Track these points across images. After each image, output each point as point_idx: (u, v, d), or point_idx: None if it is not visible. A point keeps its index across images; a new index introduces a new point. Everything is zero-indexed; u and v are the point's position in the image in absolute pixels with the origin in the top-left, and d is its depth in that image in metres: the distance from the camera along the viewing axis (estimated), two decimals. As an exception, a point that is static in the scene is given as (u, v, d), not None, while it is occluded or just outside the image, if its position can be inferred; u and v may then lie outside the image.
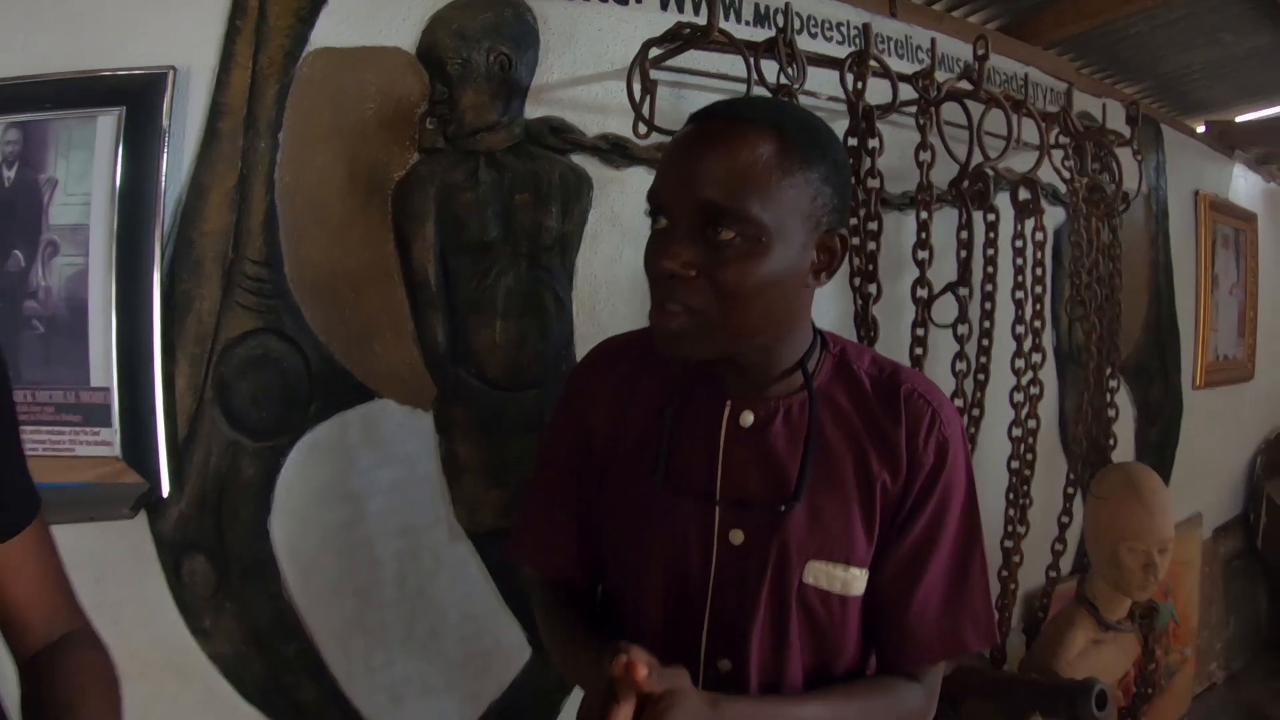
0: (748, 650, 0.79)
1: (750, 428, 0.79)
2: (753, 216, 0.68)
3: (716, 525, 0.79)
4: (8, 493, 0.69)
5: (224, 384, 1.22)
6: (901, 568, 0.80)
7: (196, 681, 1.26)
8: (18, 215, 1.28)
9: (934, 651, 0.82)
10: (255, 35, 1.26)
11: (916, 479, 0.78)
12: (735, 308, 0.70)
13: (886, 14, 1.95)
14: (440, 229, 1.25)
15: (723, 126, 0.71)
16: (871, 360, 0.83)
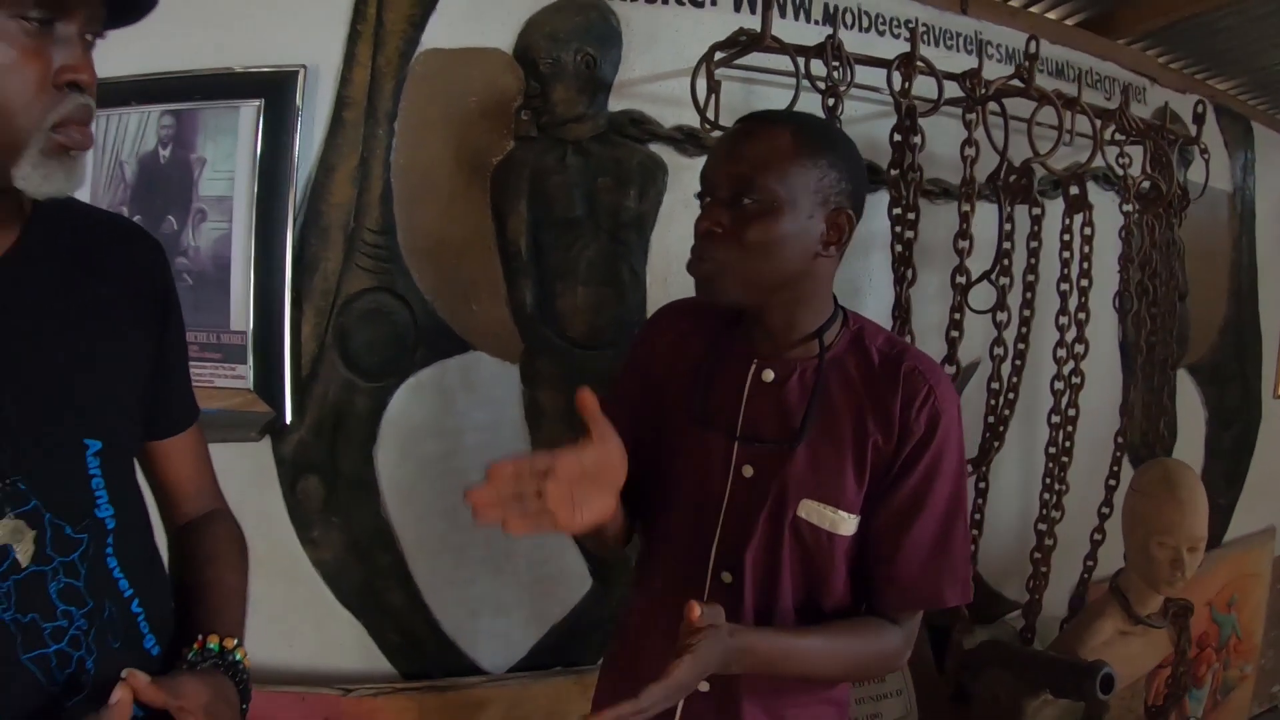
0: (745, 566, 1.00)
1: (770, 383, 1.01)
2: (769, 187, 0.92)
3: (734, 460, 1.01)
4: (180, 400, 0.93)
5: (343, 332, 1.57)
6: (890, 520, 0.99)
7: (302, 584, 1.62)
8: (172, 187, 1.65)
9: (914, 600, 1.01)
10: (374, 38, 1.60)
11: (907, 443, 0.97)
12: (751, 257, 0.93)
13: (957, 10, 2.16)
14: (532, 206, 1.57)
15: (752, 126, 0.97)
16: (885, 339, 1.03)
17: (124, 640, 0.78)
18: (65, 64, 0.67)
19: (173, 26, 1.45)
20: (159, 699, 0.71)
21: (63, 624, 0.73)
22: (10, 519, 0.70)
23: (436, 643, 1.68)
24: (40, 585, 0.72)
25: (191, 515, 0.94)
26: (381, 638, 1.68)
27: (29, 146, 0.67)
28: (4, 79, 0.64)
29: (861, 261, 1.85)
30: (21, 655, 0.70)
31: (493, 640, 1.69)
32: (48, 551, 0.73)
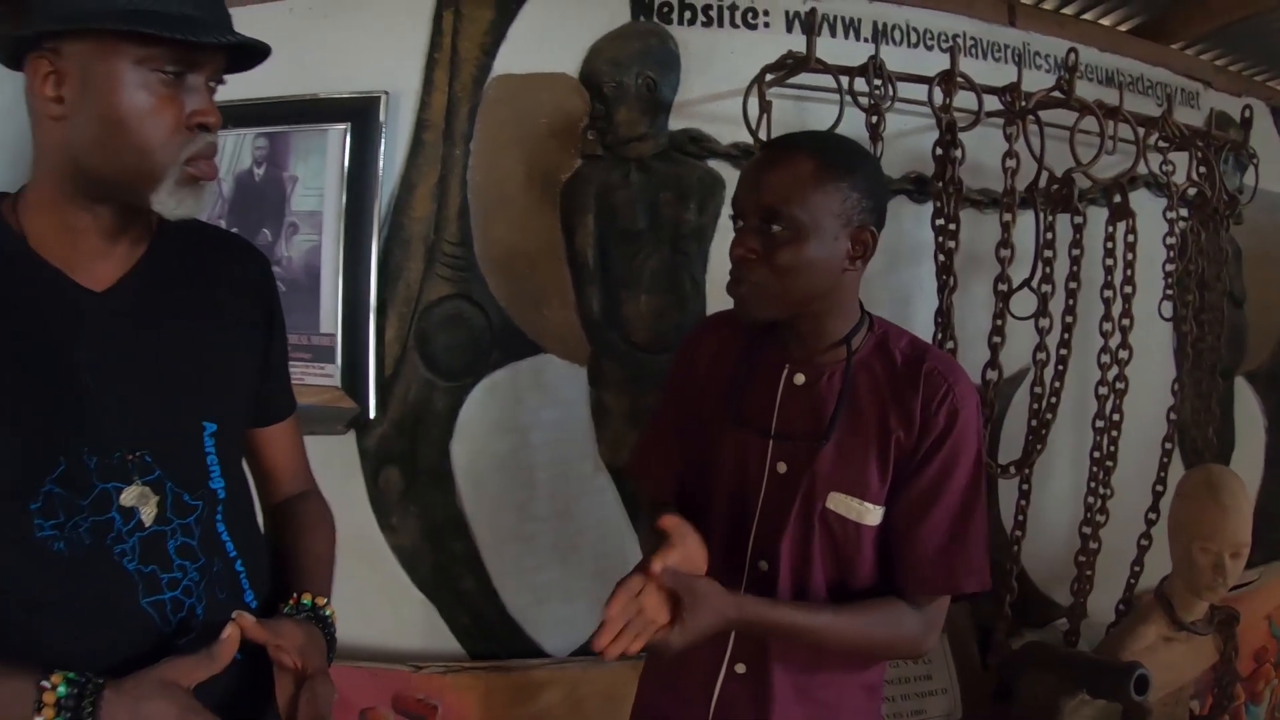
0: (780, 555, 1.10)
1: (801, 386, 1.11)
2: (794, 215, 1.01)
3: (768, 457, 1.11)
4: (282, 394, 1.09)
5: (423, 336, 1.78)
6: (911, 508, 1.08)
7: (380, 568, 1.83)
8: (267, 203, 1.88)
9: (933, 584, 1.09)
10: (450, 65, 1.81)
11: (927, 438, 1.06)
12: (782, 279, 1.03)
13: (1005, 23, 2.30)
14: (599, 220, 1.77)
15: (776, 155, 1.06)
16: (909, 342, 1.13)
17: (228, 593, 0.94)
18: (195, 109, 0.83)
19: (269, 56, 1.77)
20: (262, 636, 0.86)
21: (177, 575, 0.89)
22: (138, 485, 0.87)
23: (503, 625, 1.88)
24: (160, 542, 0.88)
25: (286, 495, 1.11)
26: (452, 619, 1.88)
27: (167, 178, 0.83)
28: (147, 122, 0.81)
29: (912, 271, 2.00)
30: (142, 600, 0.87)
31: (556, 625, 1.88)
32: (168, 514, 0.89)
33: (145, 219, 0.91)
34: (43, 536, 0.83)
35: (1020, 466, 2.01)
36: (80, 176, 0.83)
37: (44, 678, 0.77)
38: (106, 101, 0.80)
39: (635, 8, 1.85)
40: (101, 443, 0.86)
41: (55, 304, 0.85)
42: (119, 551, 0.86)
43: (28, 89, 0.82)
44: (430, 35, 1.82)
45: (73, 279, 0.86)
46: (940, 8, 2.16)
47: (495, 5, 1.82)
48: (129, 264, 0.90)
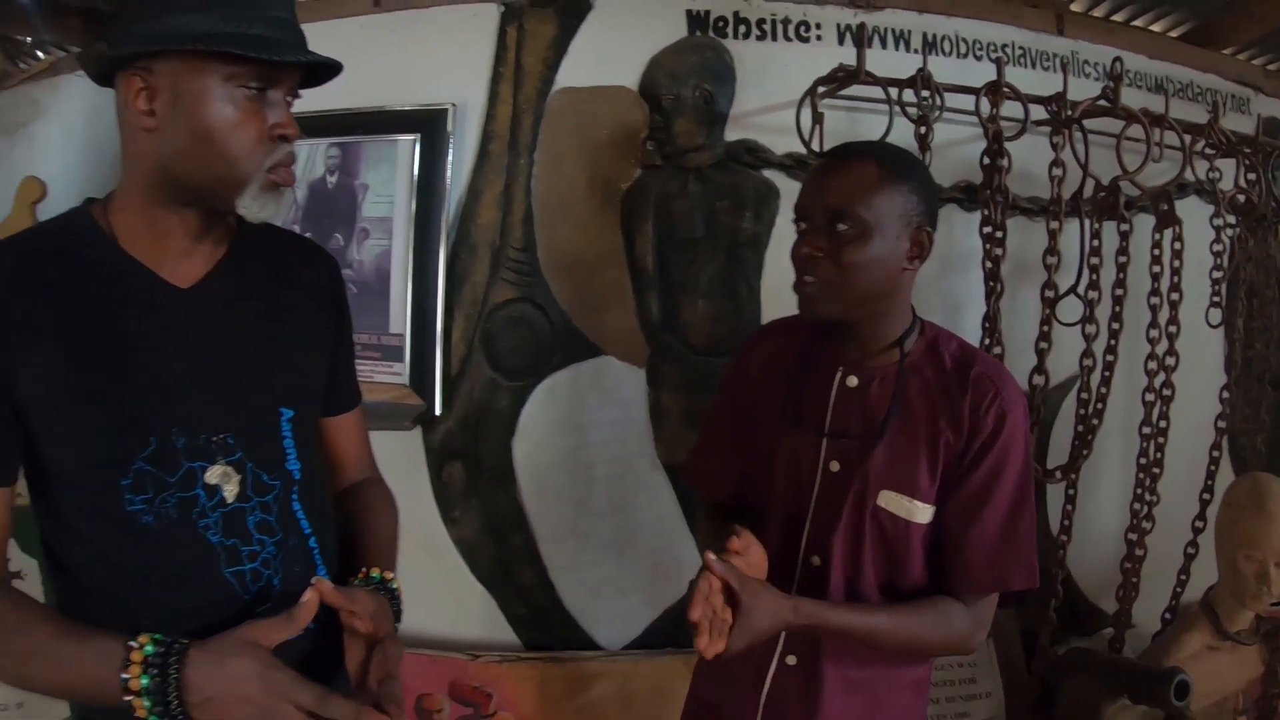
0: (832, 551, 1.16)
1: (854, 388, 1.18)
2: (859, 215, 1.08)
3: (822, 456, 1.18)
4: (349, 386, 1.18)
5: (489, 337, 1.92)
6: (960, 509, 1.13)
7: (442, 559, 1.97)
8: (339, 209, 2.03)
9: (983, 582, 1.14)
10: (514, 79, 1.95)
11: (976, 439, 1.12)
12: (848, 277, 1.10)
13: (1054, 32, 2.38)
14: (658, 227, 1.89)
15: (839, 160, 1.14)
16: (958, 346, 1.19)
17: (303, 566, 1.03)
18: (276, 121, 0.92)
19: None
20: (339, 600, 0.94)
21: (256, 549, 0.98)
22: (222, 464, 0.96)
23: (559, 618, 2.00)
24: (241, 518, 0.97)
25: (352, 480, 1.20)
26: (509, 610, 2.01)
27: (251, 184, 0.92)
28: (233, 134, 0.90)
29: (962, 277, 2.10)
30: (224, 570, 0.96)
31: (611, 619, 2.00)
32: (248, 492, 0.98)
33: (226, 222, 1.01)
34: (132, 510, 0.92)
35: (1066, 472, 2.09)
36: (170, 183, 0.93)
37: (131, 638, 0.85)
38: (196, 115, 0.89)
39: (691, 22, 1.97)
40: (189, 425, 0.95)
41: (145, 299, 0.95)
42: (203, 525, 0.95)
43: (120, 103, 0.92)
44: (495, 50, 1.96)
45: (160, 276, 0.96)
46: (989, 18, 2.25)
47: (557, 21, 1.96)
48: (211, 263, 1.00)
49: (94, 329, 0.93)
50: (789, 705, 1.21)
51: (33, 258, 0.94)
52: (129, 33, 0.89)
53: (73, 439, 0.92)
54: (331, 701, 0.86)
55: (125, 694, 0.83)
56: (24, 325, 0.90)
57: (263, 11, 0.90)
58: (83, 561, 0.96)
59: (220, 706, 0.84)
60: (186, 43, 0.87)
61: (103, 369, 0.92)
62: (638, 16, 1.96)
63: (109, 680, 0.84)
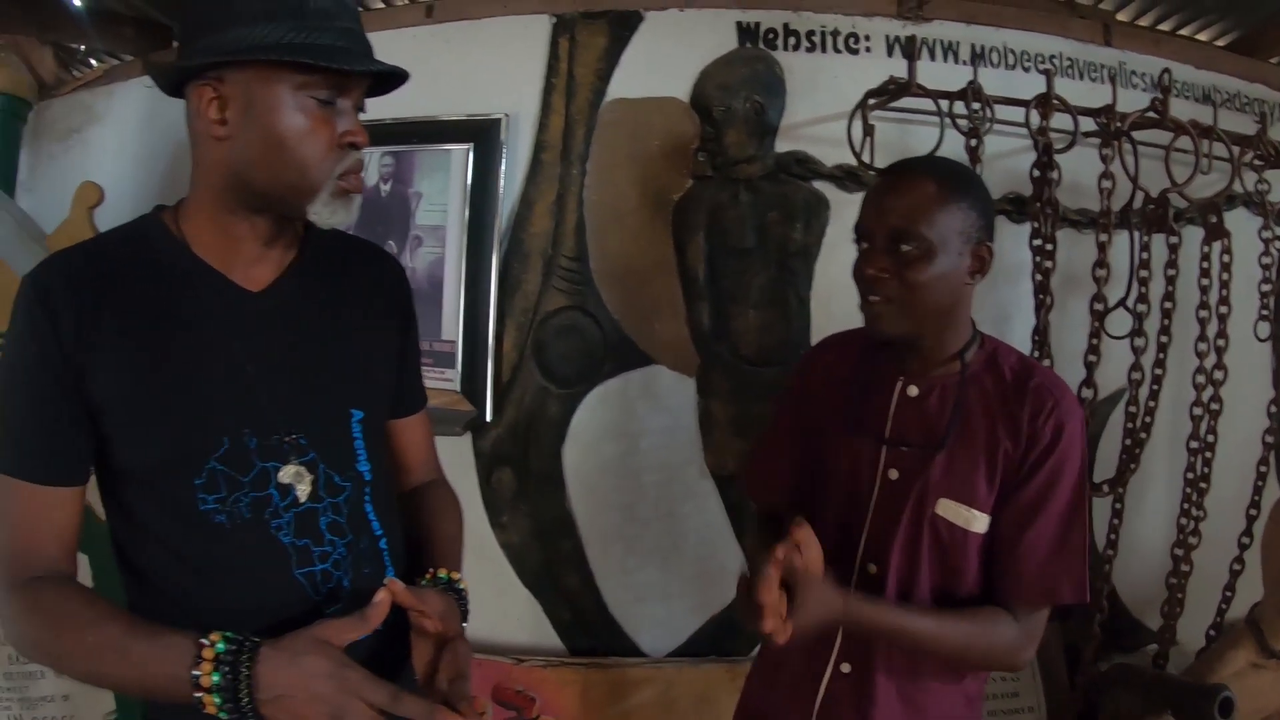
0: (889, 558, 1.19)
1: (914, 398, 1.21)
2: (923, 234, 1.11)
3: (881, 464, 1.21)
4: (415, 389, 1.21)
5: (540, 345, 1.97)
6: (1015, 519, 1.15)
7: (489, 563, 2.01)
8: (393, 217, 2.09)
9: (1033, 593, 1.16)
10: (566, 90, 2.00)
11: (1033, 450, 1.15)
12: (914, 295, 1.13)
13: (1101, 43, 2.40)
14: (709, 237, 1.93)
15: (899, 179, 1.17)
16: (1017, 358, 1.22)
17: (372, 568, 1.05)
18: (346, 130, 0.94)
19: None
20: (411, 601, 0.95)
21: (328, 549, 0.99)
22: (295, 465, 0.98)
23: (603, 623, 2.05)
24: (313, 518, 0.99)
25: (418, 482, 1.22)
26: (554, 615, 2.06)
27: (322, 191, 0.94)
28: (305, 142, 0.92)
29: (1011, 290, 2.12)
30: (295, 570, 0.97)
31: (655, 625, 2.04)
32: (320, 493, 0.99)
33: (295, 228, 1.04)
34: (205, 509, 0.94)
35: (1114, 485, 2.11)
36: (242, 190, 0.95)
37: (203, 635, 0.86)
38: (268, 124, 0.92)
39: (742, 34, 2.01)
40: (262, 425, 0.97)
41: (217, 302, 0.98)
42: (275, 525, 0.97)
43: (191, 112, 0.94)
44: (547, 61, 2.01)
45: (232, 280, 0.99)
46: (1037, 29, 2.27)
47: (608, 32, 2.01)
48: (281, 268, 1.03)
49: (167, 331, 0.96)
50: (842, 712, 1.23)
51: (107, 261, 0.97)
52: (200, 44, 0.92)
53: (146, 439, 0.95)
54: (405, 700, 0.88)
55: (196, 690, 0.85)
56: (98, 327, 0.93)
57: (332, 22, 0.93)
58: (153, 560, 0.98)
59: (291, 704, 0.85)
60: (259, 53, 0.89)
61: (175, 370, 0.95)
62: (688, 28, 2.01)
63: (180, 676, 0.85)
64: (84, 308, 0.93)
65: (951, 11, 2.16)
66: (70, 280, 0.94)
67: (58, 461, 0.95)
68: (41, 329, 0.92)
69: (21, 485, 0.94)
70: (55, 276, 0.95)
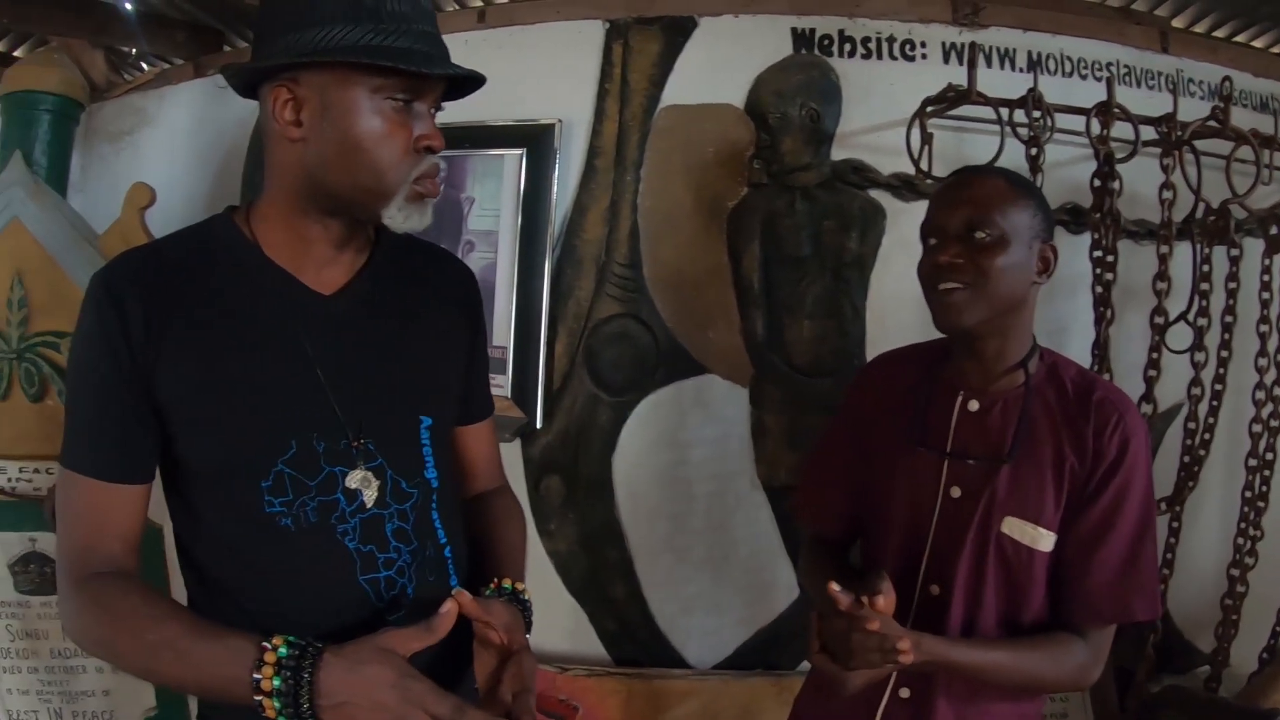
0: (954, 580, 1.17)
1: (975, 412, 1.20)
2: (997, 222, 1.12)
3: (943, 482, 1.19)
4: (483, 395, 1.22)
5: (592, 352, 1.95)
6: (1083, 538, 1.14)
7: (535, 571, 1.96)
8: (445, 222, 2.08)
9: (1104, 613, 1.15)
10: (620, 96, 1.99)
11: (1100, 466, 1.14)
12: (989, 281, 1.12)
13: (1158, 50, 2.36)
14: (764, 246, 1.92)
15: (971, 176, 1.20)
16: (1077, 371, 1.22)
17: (437, 576, 1.05)
18: (422, 133, 0.94)
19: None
20: (478, 613, 0.95)
21: (393, 556, 0.99)
22: (362, 470, 0.98)
23: (649, 634, 2.03)
24: (379, 524, 0.99)
25: (482, 489, 1.23)
26: (599, 625, 2.05)
27: (397, 195, 0.94)
28: (381, 145, 0.92)
29: (1068, 303, 2.08)
30: (359, 576, 0.97)
31: (701, 637, 2.03)
32: (387, 499, 0.99)
33: (366, 231, 1.05)
34: (271, 512, 0.94)
35: (1172, 503, 2.07)
36: (316, 193, 0.95)
37: (265, 639, 0.86)
38: (344, 126, 0.91)
39: (797, 40, 1.99)
40: (330, 429, 0.97)
41: (288, 304, 0.98)
42: (341, 530, 0.97)
43: (265, 114, 0.94)
44: (601, 66, 2.00)
45: (303, 283, 0.99)
46: (1094, 36, 2.23)
47: (662, 38, 2.00)
48: (353, 271, 1.03)
49: (236, 332, 0.96)
50: None
51: (176, 261, 0.97)
52: (276, 44, 0.92)
53: (212, 440, 0.95)
54: (468, 713, 0.86)
55: (256, 694, 0.84)
56: (167, 326, 0.93)
57: (409, 25, 0.92)
58: (216, 559, 0.99)
59: (353, 712, 0.85)
60: (337, 55, 0.89)
61: (244, 372, 0.95)
62: (743, 34, 2.00)
63: (240, 679, 0.85)
64: (153, 307, 0.93)
65: (1008, 18, 2.13)
66: (140, 279, 0.94)
67: (124, 459, 0.95)
68: (111, 327, 0.92)
69: (88, 482, 0.94)
70: (125, 275, 0.95)
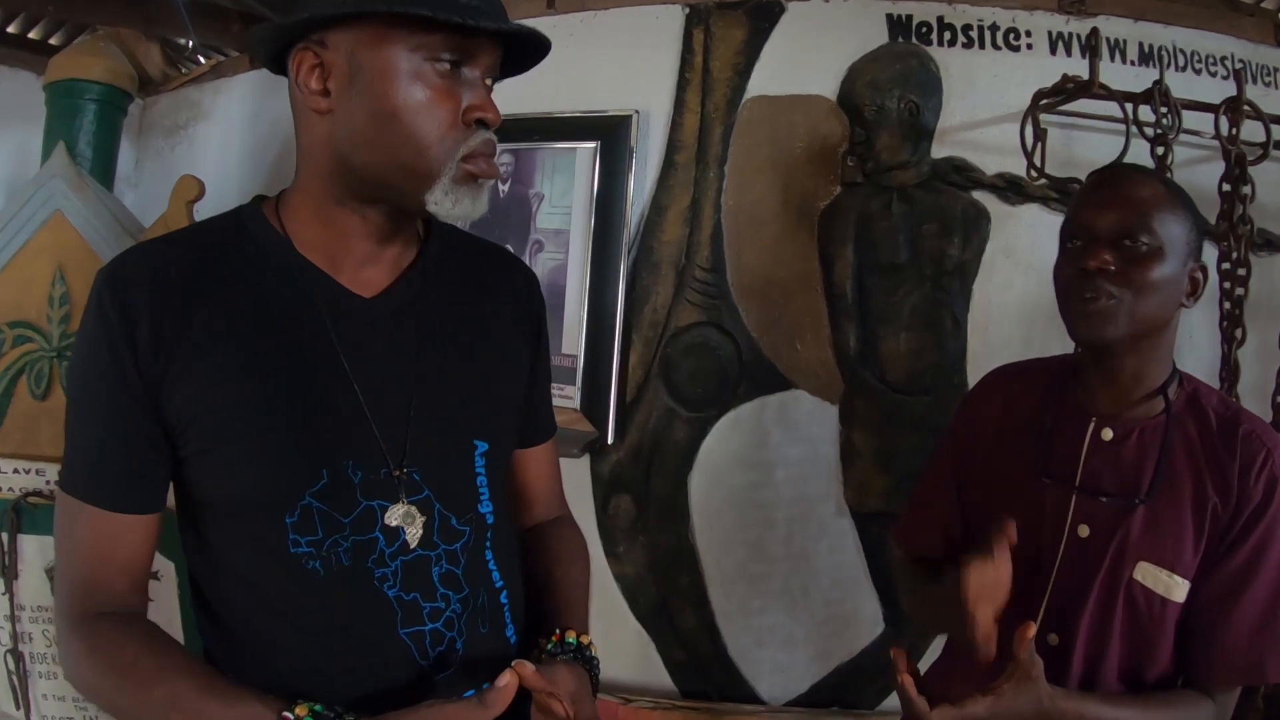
0: (1077, 630, 1.04)
1: (1109, 442, 1.06)
2: (1156, 230, 1.00)
3: (1069, 519, 1.06)
4: (545, 414, 1.06)
5: (669, 363, 1.76)
6: (1219, 590, 1.02)
7: (602, 595, 1.81)
8: (511, 219, 1.91)
9: (1236, 673, 1.03)
10: (701, 86, 1.79)
11: (1244, 509, 1.01)
12: (1141, 294, 0.99)
13: (1272, 43, 2.13)
14: (858, 250, 1.70)
15: (1125, 174, 1.07)
16: (1220, 400, 1.08)
17: (490, 627, 0.89)
18: (473, 103, 0.78)
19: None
20: (540, 684, 0.79)
21: (440, 605, 0.84)
22: (405, 504, 0.83)
23: (720, 666, 1.83)
24: (424, 568, 0.84)
25: (541, 519, 1.07)
26: (667, 654, 1.85)
27: (442, 176, 0.78)
28: (422, 115, 0.76)
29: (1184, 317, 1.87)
30: (400, 630, 0.82)
31: (775, 671, 1.82)
32: (434, 538, 0.84)
33: (414, 224, 0.88)
34: (297, 553, 0.80)
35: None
36: (349, 175, 0.80)
37: (288, 705, 0.73)
38: (378, 93, 0.76)
39: (892, 27, 1.78)
40: (368, 457, 0.82)
41: (322, 309, 0.82)
42: (379, 575, 0.82)
43: (292, 84, 0.79)
44: (681, 54, 1.81)
45: (339, 283, 0.84)
46: (1208, 28, 2.01)
47: (747, 24, 1.80)
48: (398, 270, 0.87)
49: (261, 340, 0.80)
50: None
51: (194, 257, 0.81)
52: (300, 5, 0.77)
53: (231, 467, 0.79)
54: None
55: None
56: (181, 333, 0.77)
57: None
58: (234, 605, 0.83)
59: None
60: (366, 4, 0.74)
61: (268, 388, 0.79)
62: (834, 20, 1.79)
63: None
64: (165, 310, 0.77)
65: (1118, 7, 1.90)
66: (151, 278, 0.78)
67: (130, 486, 0.80)
68: (115, 334, 0.76)
69: (91, 510, 0.79)
70: (133, 273, 0.78)
